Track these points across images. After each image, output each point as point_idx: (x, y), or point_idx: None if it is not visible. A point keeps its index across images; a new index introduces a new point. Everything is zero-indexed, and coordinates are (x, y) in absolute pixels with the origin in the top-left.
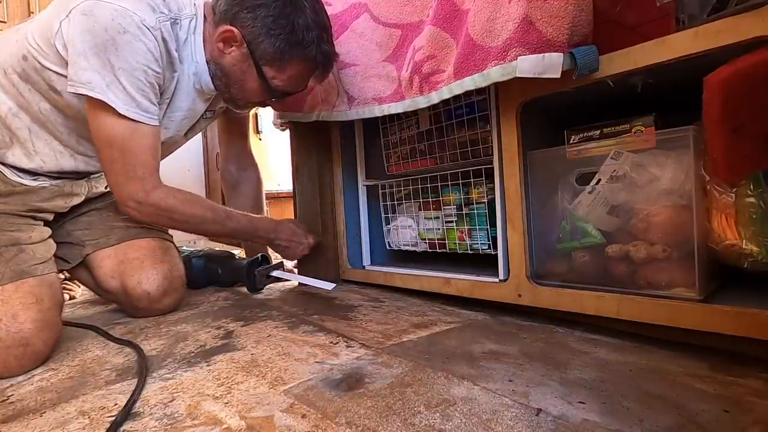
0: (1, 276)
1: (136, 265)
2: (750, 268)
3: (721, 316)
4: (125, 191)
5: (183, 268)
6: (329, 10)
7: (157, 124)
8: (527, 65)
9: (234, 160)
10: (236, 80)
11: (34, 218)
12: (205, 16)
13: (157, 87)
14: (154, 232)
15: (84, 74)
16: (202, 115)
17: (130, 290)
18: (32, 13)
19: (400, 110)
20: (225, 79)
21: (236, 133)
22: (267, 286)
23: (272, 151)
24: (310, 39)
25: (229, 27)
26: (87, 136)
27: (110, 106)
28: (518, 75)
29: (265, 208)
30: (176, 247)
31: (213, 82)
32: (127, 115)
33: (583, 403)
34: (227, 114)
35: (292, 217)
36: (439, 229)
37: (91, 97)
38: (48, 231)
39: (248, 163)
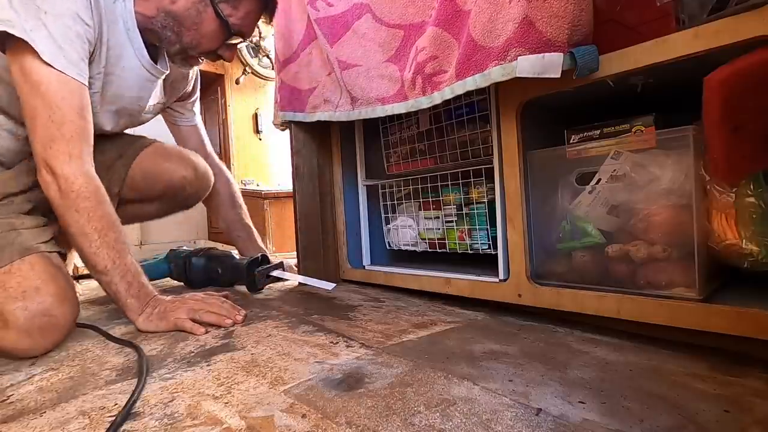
0: (10, 255)
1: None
2: (750, 267)
3: (721, 316)
4: (43, 152)
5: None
6: (331, 11)
7: (86, 82)
8: (527, 65)
9: None
10: (191, 24)
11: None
12: None
13: (88, 44)
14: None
15: (3, 12)
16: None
17: None
18: None
19: (403, 110)
20: (177, 27)
21: (194, 140)
22: (267, 286)
23: (272, 151)
24: None
25: None
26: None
27: (34, 50)
28: (518, 75)
29: (241, 203)
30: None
31: (162, 35)
32: (53, 64)
33: (583, 402)
34: (178, 124)
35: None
36: (439, 228)
37: (13, 37)
38: (43, 219)
39: (214, 164)
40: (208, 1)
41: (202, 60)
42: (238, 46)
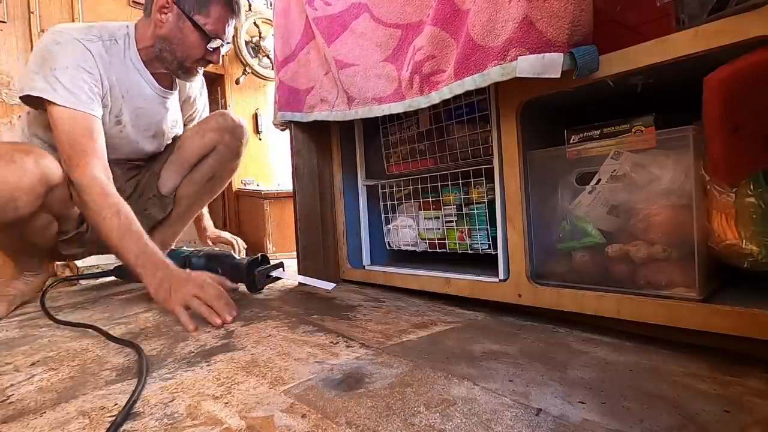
0: None
1: None
2: (750, 267)
3: (721, 316)
4: (66, 168)
5: None
6: (329, 10)
7: (96, 114)
8: (527, 65)
9: None
10: (178, 41)
11: None
12: (137, 27)
13: (96, 88)
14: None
15: (30, 81)
16: (165, 123)
17: None
18: (32, 13)
19: (400, 110)
20: (170, 46)
21: None
22: (267, 286)
23: (272, 151)
24: None
25: None
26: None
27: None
28: (518, 75)
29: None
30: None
31: (162, 58)
32: (66, 105)
33: (583, 402)
34: None
35: (294, 227)
36: (439, 228)
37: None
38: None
39: None
40: (185, 17)
41: (199, 70)
42: (240, 48)
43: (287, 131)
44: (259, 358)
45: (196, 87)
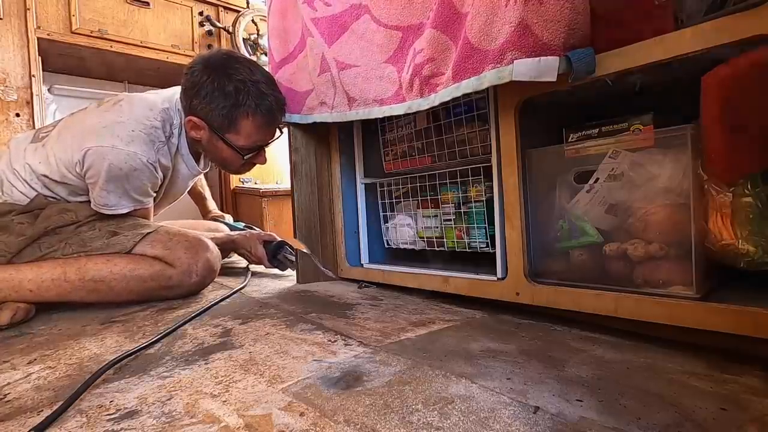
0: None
1: None
2: (746, 267)
3: (718, 314)
4: None
5: None
6: (329, 11)
7: (151, 204)
8: (523, 69)
9: None
10: (215, 154)
11: None
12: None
13: (156, 186)
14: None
15: (103, 199)
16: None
17: None
18: (28, 9)
19: (400, 112)
20: (208, 154)
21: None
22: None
23: (270, 149)
24: (244, 97)
25: (189, 117)
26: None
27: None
28: (514, 78)
29: (204, 186)
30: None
31: (207, 154)
32: (131, 208)
33: (581, 400)
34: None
35: (290, 216)
36: (437, 227)
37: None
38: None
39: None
40: (217, 136)
41: (248, 170)
42: (238, 46)
43: (285, 129)
44: (257, 357)
45: None
